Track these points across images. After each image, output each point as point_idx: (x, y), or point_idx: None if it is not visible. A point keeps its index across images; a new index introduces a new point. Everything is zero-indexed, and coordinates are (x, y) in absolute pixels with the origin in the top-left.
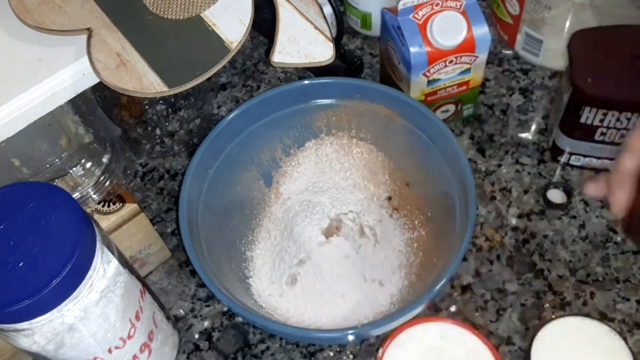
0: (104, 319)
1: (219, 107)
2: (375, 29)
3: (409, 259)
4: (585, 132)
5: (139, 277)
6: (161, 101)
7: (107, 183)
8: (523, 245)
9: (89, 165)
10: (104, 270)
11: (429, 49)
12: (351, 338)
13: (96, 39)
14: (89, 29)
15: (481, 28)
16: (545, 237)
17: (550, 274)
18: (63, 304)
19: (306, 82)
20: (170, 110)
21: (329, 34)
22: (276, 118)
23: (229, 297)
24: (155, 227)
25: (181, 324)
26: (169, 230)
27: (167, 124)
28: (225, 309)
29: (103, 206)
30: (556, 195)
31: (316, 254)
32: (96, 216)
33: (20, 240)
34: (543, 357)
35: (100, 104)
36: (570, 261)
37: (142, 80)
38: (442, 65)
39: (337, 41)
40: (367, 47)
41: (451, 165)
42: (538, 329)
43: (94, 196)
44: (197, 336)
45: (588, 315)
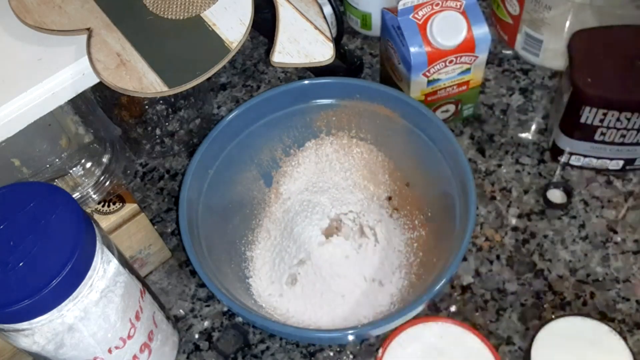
0: (104, 319)
1: (219, 107)
2: (375, 29)
3: (409, 259)
4: (585, 132)
5: (139, 277)
6: (161, 101)
7: (107, 183)
8: (523, 245)
9: (89, 165)
10: (104, 270)
11: (429, 49)
12: (351, 338)
13: (96, 39)
14: (89, 29)
15: (481, 28)
16: (545, 237)
17: (550, 274)
18: (63, 304)
19: (306, 82)
20: (170, 110)
21: (329, 34)
22: (276, 118)
23: (229, 297)
24: (155, 227)
25: (181, 324)
26: (169, 230)
27: (167, 124)
28: (225, 309)
29: (103, 206)
30: (556, 195)
31: (316, 254)
32: (96, 216)
33: (20, 240)
34: (543, 357)
35: (100, 104)
36: (570, 261)
37: (142, 80)
38: (442, 65)
39: (337, 41)
40: (367, 47)
41: (451, 165)
42: (538, 329)
43: (94, 196)
44: (197, 336)
45: (588, 315)
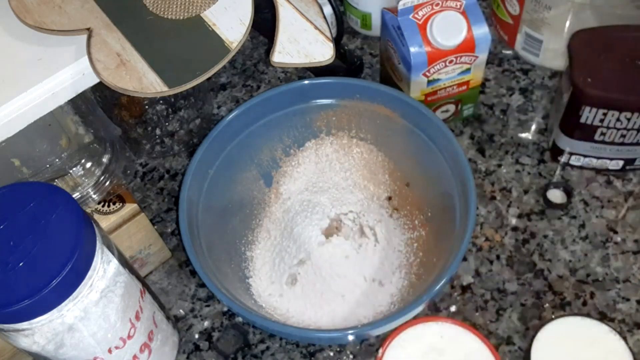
0: (104, 319)
1: (219, 107)
2: (375, 29)
3: (409, 259)
4: (585, 132)
5: (139, 277)
6: (161, 101)
7: (107, 183)
8: (523, 245)
9: (89, 165)
10: (104, 270)
11: (429, 49)
12: (351, 338)
13: (96, 39)
14: (89, 29)
15: (481, 28)
16: (545, 237)
17: (550, 274)
18: (63, 304)
19: (306, 82)
20: (170, 110)
21: (329, 34)
22: (276, 118)
23: (229, 297)
24: (155, 227)
25: (181, 324)
26: (169, 230)
27: (167, 124)
28: (225, 309)
29: (103, 206)
30: (556, 195)
31: (316, 254)
32: (96, 216)
33: (20, 240)
34: (543, 357)
35: (100, 104)
36: (570, 261)
37: (142, 80)
38: (442, 65)
39: (337, 41)
40: (367, 47)
41: (451, 165)
42: (538, 329)
43: (94, 196)
44: (197, 336)
45: (588, 315)
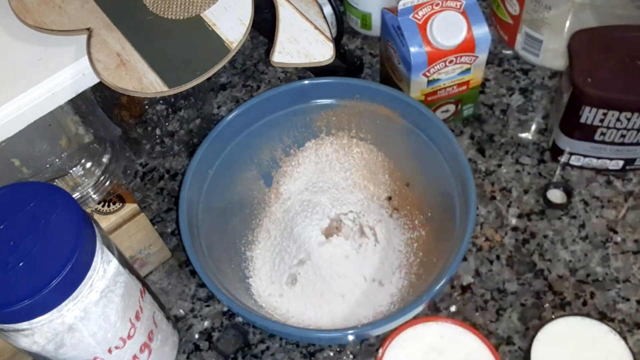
0: (104, 319)
1: (219, 107)
2: (375, 29)
3: (409, 259)
4: (585, 132)
5: (139, 277)
6: (161, 101)
7: (107, 183)
8: (523, 245)
9: (89, 165)
10: (104, 270)
11: (429, 49)
12: (351, 338)
13: (96, 39)
14: (89, 29)
15: (481, 28)
16: (545, 237)
17: (550, 274)
18: (63, 304)
19: (306, 82)
20: (170, 110)
21: (329, 34)
22: (276, 118)
23: (229, 297)
24: (155, 227)
25: (181, 324)
26: (169, 230)
27: (167, 124)
28: (225, 309)
29: (103, 206)
30: (556, 195)
31: (316, 254)
32: (96, 216)
33: (20, 240)
34: (543, 357)
35: (100, 104)
36: (570, 261)
37: (142, 80)
38: (442, 65)
39: (337, 41)
40: (367, 47)
41: (451, 165)
42: (538, 329)
43: (94, 196)
44: (197, 336)
45: (588, 315)
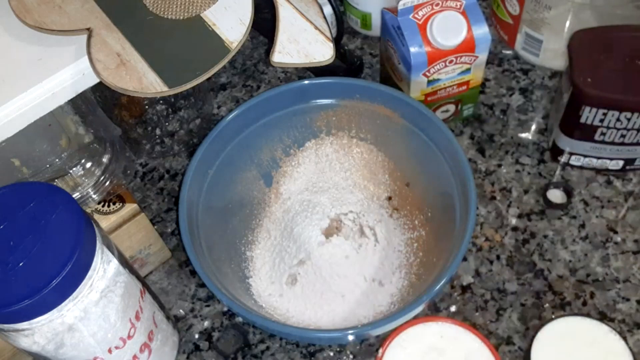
0: (104, 319)
1: (219, 107)
2: (375, 29)
3: (409, 259)
4: (585, 132)
5: (139, 277)
6: (161, 101)
7: (107, 183)
8: (523, 245)
9: (89, 165)
10: (104, 270)
11: (429, 49)
12: (351, 338)
13: (96, 39)
14: (89, 29)
15: (481, 28)
16: (545, 237)
17: (550, 274)
18: (63, 304)
19: (306, 82)
20: (170, 110)
21: (329, 34)
22: (276, 118)
23: (229, 297)
24: (155, 227)
25: (181, 324)
26: (169, 230)
27: (167, 124)
28: (225, 309)
29: (103, 206)
30: (556, 195)
31: (316, 254)
32: (96, 216)
33: (20, 240)
34: (543, 357)
35: (100, 104)
36: (570, 261)
37: (142, 80)
38: (442, 65)
39: (337, 41)
40: (367, 47)
41: (451, 165)
42: (538, 329)
43: (94, 196)
44: (197, 336)
45: (588, 315)
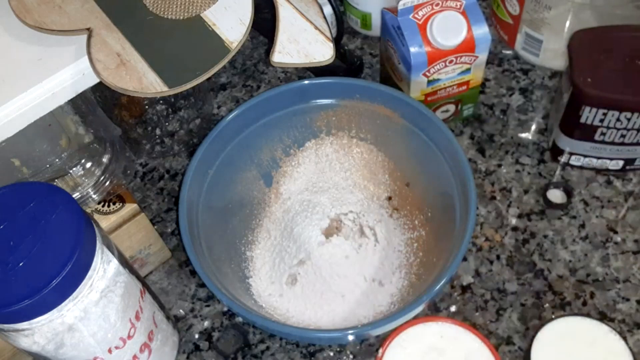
0: (104, 319)
1: (219, 107)
2: (375, 29)
3: (409, 259)
4: (585, 132)
5: (139, 277)
6: (161, 101)
7: (107, 183)
8: (523, 245)
9: (89, 165)
10: (104, 270)
11: (429, 49)
12: (351, 338)
13: (96, 39)
14: (89, 29)
15: (481, 28)
16: (545, 237)
17: (550, 274)
18: (63, 304)
19: (306, 82)
20: (170, 110)
21: (329, 34)
22: (276, 118)
23: (229, 297)
24: (155, 227)
25: (181, 324)
26: (169, 230)
27: (167, 124)
28: (225, 309)
29: (103, 206)
30: (556, 195)
31: (316, 254)
32: (96, 216)
33: (20, 240)
34: (543, 357)
35: (100, 104)
36: (570, 261)
37: (142, 80)
38: (442, 65)
39: (337, 41)
40: (367, 47)
41: (451, 165)
42: (538, 329)
43: (94, 196)
44: (197, 336)
45: (588, 315)
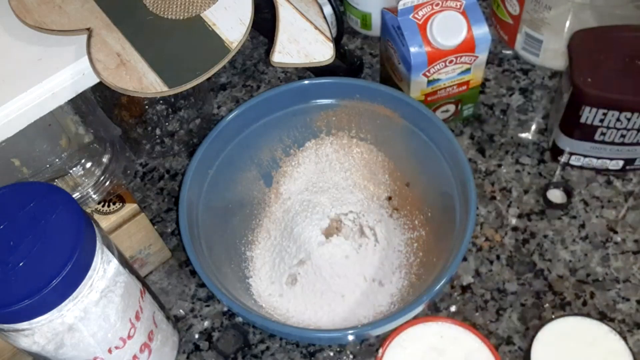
0: (104, 319)
1: (219, 107)
2: (375, 29)
3: (409, 259)
4: (585, 132)
5: (139, 277)
6: (161, 101)
7: (107, 183)
8: (523, 245)
9: (89, 165)
10: (104, 270)
11: (429, 49)
12: (351, 338)
13: (96, 39)
14: (89, 29)
15: (481, 28)
16: (545, 237)
17: (550, 274)
18: (63, 304)
19: (306, 82)
20: (170, 110)
21: (329, 34)
22: (276, 118)
23: (229, 297)
24: (155, 227)
25: (181, 324)
26: (169, 230)
27: (167, 124)
28: (225, 309)
29: (103, 206)
30: (556, 195)
31: (316, 254)
32: (96, 216)
33: (20, 240)
34: (543, 357)
35: (100, 104)
36: (570, 261)
37: (142, 80)
38: (442, 65)
39: (337, 41)
40: (367, 47)
41: (451, 165)
42: (538, 329)
43: (94, 196)
44: (197, 336)
45: (588, 315)
